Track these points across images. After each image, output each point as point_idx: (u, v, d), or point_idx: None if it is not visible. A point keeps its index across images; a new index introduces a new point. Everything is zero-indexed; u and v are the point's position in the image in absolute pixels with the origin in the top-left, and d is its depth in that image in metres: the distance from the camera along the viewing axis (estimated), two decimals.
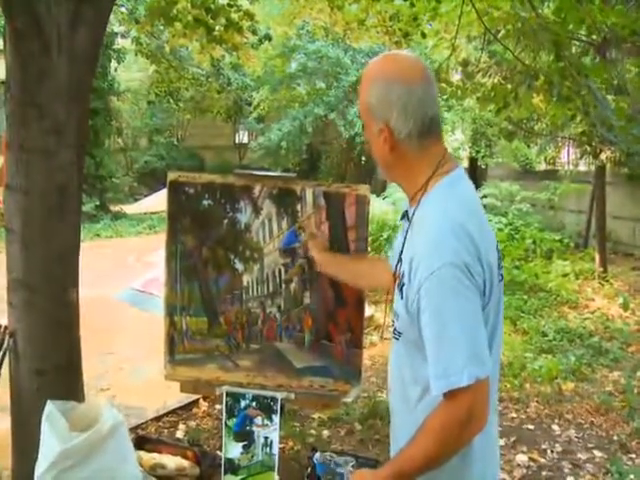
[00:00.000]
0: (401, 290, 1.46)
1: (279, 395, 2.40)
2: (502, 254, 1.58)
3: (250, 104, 16.71)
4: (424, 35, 5.79)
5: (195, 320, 2.44)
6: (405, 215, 1.57)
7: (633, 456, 3.66)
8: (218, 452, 3.19)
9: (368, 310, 5.28)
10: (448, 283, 1.34)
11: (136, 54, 11.09)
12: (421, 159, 1.50)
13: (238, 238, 2.42)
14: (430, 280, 1.35)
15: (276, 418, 2.40)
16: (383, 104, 1.46)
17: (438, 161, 1.49)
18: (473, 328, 1.36)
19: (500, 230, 9.01)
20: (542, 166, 11.86)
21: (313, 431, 3.79)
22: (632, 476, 3.36)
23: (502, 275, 1.53)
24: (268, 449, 2.40)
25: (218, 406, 3.99)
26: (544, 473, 3.48)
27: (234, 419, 2.42)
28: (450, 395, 1.34)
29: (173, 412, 4.02)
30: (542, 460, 3.61)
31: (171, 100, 16.79)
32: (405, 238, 1.52)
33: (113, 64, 13.79)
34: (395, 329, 1.54)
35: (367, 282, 2.20)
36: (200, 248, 2.42)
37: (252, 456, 2.40)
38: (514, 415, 4.17)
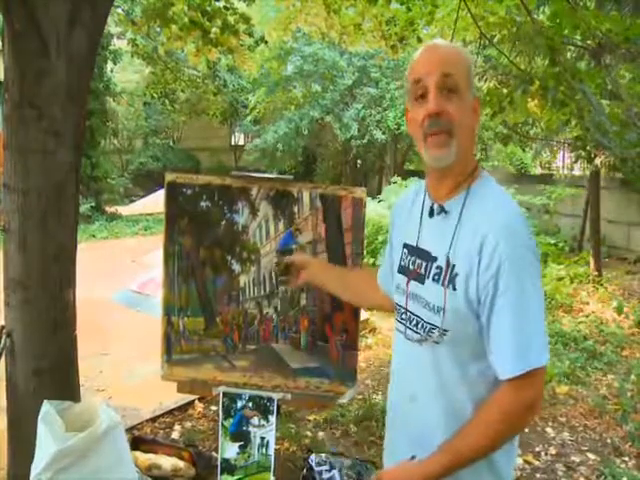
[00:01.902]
0: (452, 282, 1.41)
1: (275, 395, 2.41)
2: None
3: (246, 106, 16.71)
4: (420, 39, 5.81)
5: (192, 320, 2.45)
6: (441, 211, 1.49)
7: (626, 459, 3.68)
8: (214, 453, 3.20)
9: (363, 313, 5.30)
10: (530, 264, 1.37)
11: (132, 55, 11.08)
12: (475, 142, 1.52)
13: (235, 239, 2.43)
14: (513, 259, 1.34)
15: (272, 418, 2.40)
16: (473, 76, 1.47)
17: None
18: (543, 310, 1.39)
19: None
20: (537, 170, 11.92)
21: (308, 432, 3.80)
22: (625, 479, 3.38)
23: None
24: (264, 449, 2.40)
25: (214, 407, 4.00)
26: (538, 475, 3.49)
27: (230, 419, 2.43)
28: (524, 377, 1.33)
29: (169, 413, 4.02)
30: (536, 463, 3.63)
31: (167, 102, 16.76)
32: (454, 233, 1.43)
33: (109, 65, 13.77)
34: (433, 329, 1.46)
35: (353, 298, 2.09)
36: (197, 249, 2.43)
37: (248, 456, 2.41)
38: None
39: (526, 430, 4.01)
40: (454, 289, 1.41)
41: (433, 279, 1.46)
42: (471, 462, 1.40)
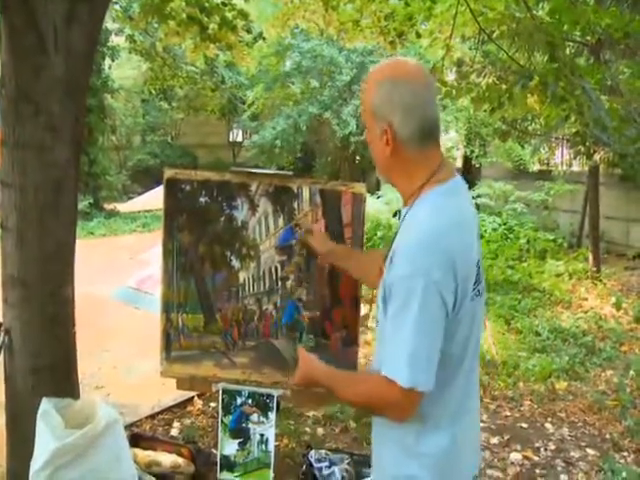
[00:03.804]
0: (384, 281, 1.51)
1: (275, 392, 2.41)
2: (495, 254, 1.62)
3: (244, 102, 16.69)
4: (419, 35, 5.79)
5: (191, 317, 2.44)
6: (398, 214, 1.60)
7: (625, 454, 3.68)
8: (213, 450, 3.20)
9: (363, 309, 5.29)
10: (415, 291, 1.39)
11: (130, 52, 11.03)
12: (419, 163, 1.52)
13: (235, 235, 2.42)
14: (399, 283, 1.42)
15: (272, 415, 2.40)
16: (387, 105, 1.48)
17: (434, 168, 1.52)
18: (425, 340, 1.42)
19: (494, 230, 9.04)
20: (536, 167, 11.91)
21: (308, 429, 3.80)
22: (624, 474, 3.38)
23: (480, 290, 1.55)
24: (264, 446, 2.40)
25: (213, 404, 3.99)
26: (537, 471, 3.50)
27: (230, 416, 2.42)
28: (391, 382, 1.42)
29: (168, 410, 4.02)
30: (535, 458, 3.63)
31: (165, 98, 16.71)
32: (395, 236, 1.54)
33: (107, 62, 13.74)
34: (379, 313, 1.57)
35: (370, 280, 2.09)
36: (196, 245, 2.42)
37: (248, 453, 2.41)
38: (508, 414, 4.19)
39: (525, 425, 4.02)
40: (382, 288, 1.52)
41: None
42: (341, 400, 1.69)
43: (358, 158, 16.01)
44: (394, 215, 1.63)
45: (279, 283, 2.41)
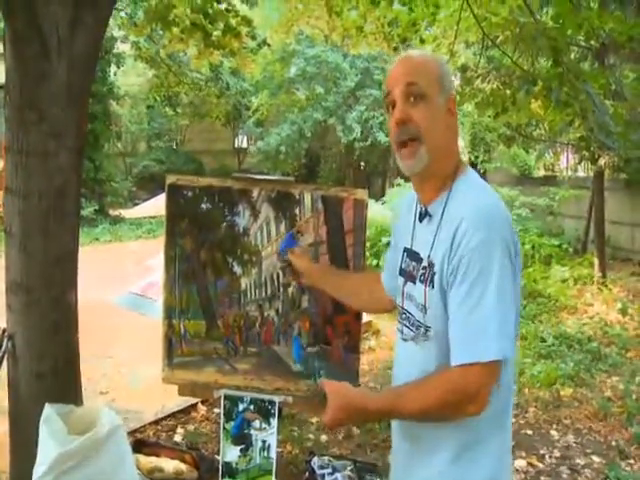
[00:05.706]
0: (432, 281, 1.46)
1: (277, 398, 2.40)
2: None
3: (249, 109, 16.75)
4: (422, 41, 5.80)
5: (193, 323, 2.44)
6: (426, 214, 1.54)
7: (631, 462, 3.65)
8: (216, 456, 3.19)
9: (366, 316, 5.29)
10: (495, 255, 1.37)
11: (135, 59, 11.10)
12: (457, 140, 1.58)
13: (236, 241, 2.42)
14: (477, 250, 1.37)
15: (274, 421, 2.39)
16: (449, 76, 1.53)
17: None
18: (508, 307, 1.39)
19: None
20: (541, 172, 11.88)
21: (311, 435, 3.79)
22: None
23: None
24: (266, 453, 2.39)
25: (217, 410, 3.99)
26: (542, 478, 3.47)
27: (232, 422, 2.42)
28: (469, 367, 1.35)
29: (172, 416, 4.02)
30: (540, 465, 3.60)
31: (170, 105, 16.79)
32: (435, 234, 1.48)
33: (112, 68, 13.82)
34: (419, 327, 1.51)
35: (355, 301, 2.09)
36: (198, 251, 2.42)
37: (250, 460, 2.40)
38: (512, 420, 4.14)
39: (530, 432, 4.00)
40: (433, 287, 1.46)
41: (420, 279, 1.52)
42: (404, 418, 1.49)
43: (363, 164, 16.04)
44: (420, 219, 1.56)
45: (281, 289, 2.41)
